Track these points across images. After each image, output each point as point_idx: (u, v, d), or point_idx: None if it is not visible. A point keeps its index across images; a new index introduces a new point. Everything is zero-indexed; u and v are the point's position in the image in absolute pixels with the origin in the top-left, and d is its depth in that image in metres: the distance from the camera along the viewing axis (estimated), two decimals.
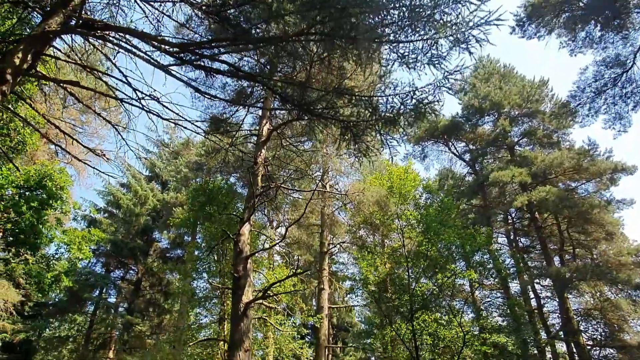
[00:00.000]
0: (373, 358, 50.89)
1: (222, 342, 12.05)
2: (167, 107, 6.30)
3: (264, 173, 12.23)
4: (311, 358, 14.75)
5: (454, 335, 12.38)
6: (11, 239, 12.84)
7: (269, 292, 8.93)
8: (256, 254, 14.21)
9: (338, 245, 17.40)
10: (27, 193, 12.14)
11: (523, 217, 22.55)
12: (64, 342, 24.49)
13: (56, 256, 15.78)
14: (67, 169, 18.63)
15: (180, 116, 6.54)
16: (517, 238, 22.63)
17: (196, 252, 14.46)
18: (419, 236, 13.15)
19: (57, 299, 25.03)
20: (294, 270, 8.84)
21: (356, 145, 9.42)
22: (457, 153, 24.41)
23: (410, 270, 11.71)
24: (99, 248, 25.51)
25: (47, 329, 24.09)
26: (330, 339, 30.00)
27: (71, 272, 16.72)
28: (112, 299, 27.72)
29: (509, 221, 22.40)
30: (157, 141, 30.55)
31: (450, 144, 24.24)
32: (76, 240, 15.97)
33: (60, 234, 15.95)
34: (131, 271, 27.34)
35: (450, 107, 78.98)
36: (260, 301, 10.56)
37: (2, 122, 11.72)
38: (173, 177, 26.54)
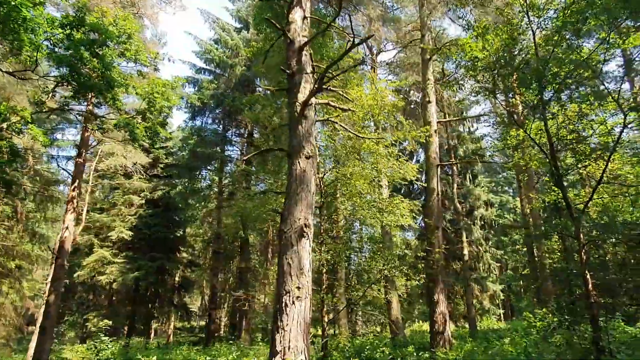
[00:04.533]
0: (510, 190, 47.95)
1: None
2: None
3: None
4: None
5: (605, 122, 9.01)
6: (82, 90, 12.26)
7: (327, 75, 6.62)
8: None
9: (443, 51, 13.83)
10: (72, 33, 11.01)
11: None
12: (198, 194, 26.46)
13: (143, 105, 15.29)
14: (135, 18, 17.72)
15: None
16: None
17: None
18: None
19: (183, 159, 26.63)
20: (351, 43, 6.27)
21: None
22: None
23: (535, 30, 8.09)
24: (205, 107, 25.64)
25: (180, 185, 26.07)
26: (457, 175, 27.67)
27: (165, 124, 16.26)
28: (236, 154, 28.86)
29: None
30: None
31: None
32: (160, 89, 15.14)
33: (141, 84, 15.36)
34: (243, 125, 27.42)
35: None
36: (325, 101, 8.42)
37: None
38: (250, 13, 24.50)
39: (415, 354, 11.03)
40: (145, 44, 19.92)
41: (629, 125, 7.95)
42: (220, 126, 27.69)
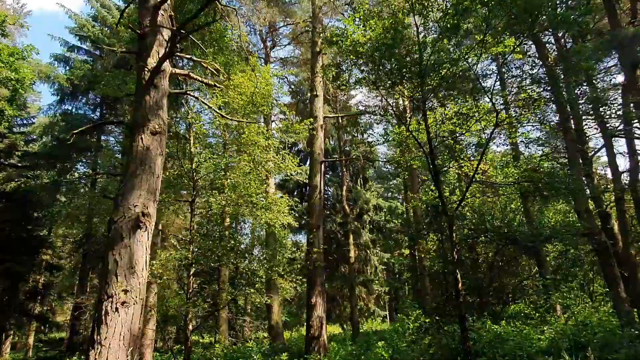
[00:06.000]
0: (397, 194, 49.99)
1: None
2: None
3: None
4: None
5: (477, 125, 9.06)
6: None
7: (180, 34, 5.51)
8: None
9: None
10: None
11: None
12: (66, 187, 23.15)
13: None
14: None
15: None
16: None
17: None
18: None
19: (46, 147, 23.20)
20: None
21: None
22: None
23: (418, 23, 7.83)
24: (77, 90, 22.62)
25: (46, 177, 22.55)
26: (349, 180, 27.73)
27: (13, 100, 13.76)
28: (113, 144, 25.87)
29: None
30: None
31: None
32: (5, 57, 12.69)
33: None
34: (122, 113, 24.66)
35: None
36: (186, 72, 7.26)
37: None
38: None
39: None
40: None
41: (501, 124, 7.96)
42: (97, 113, 24.69)
